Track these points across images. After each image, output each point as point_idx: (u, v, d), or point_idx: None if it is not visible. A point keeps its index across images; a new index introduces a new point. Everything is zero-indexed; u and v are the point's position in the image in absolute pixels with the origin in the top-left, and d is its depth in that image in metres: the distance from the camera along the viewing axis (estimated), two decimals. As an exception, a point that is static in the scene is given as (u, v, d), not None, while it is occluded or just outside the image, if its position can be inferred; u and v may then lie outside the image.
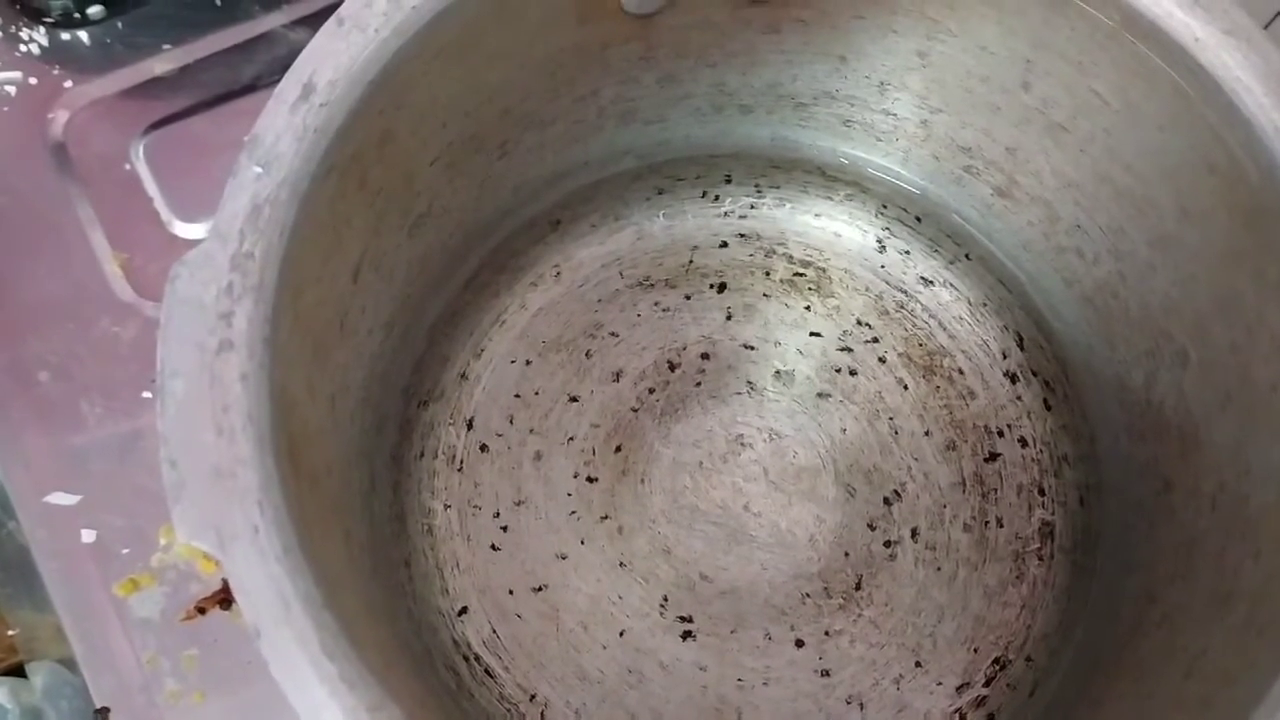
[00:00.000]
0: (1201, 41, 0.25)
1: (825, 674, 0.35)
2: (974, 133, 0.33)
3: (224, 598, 0.38)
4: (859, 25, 0.31)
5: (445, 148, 0.30)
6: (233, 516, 0.21)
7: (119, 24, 0.46)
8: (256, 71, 0.45)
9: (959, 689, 0.35)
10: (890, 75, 0.33)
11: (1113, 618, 0.33)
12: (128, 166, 0.43)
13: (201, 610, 0.38)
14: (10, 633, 0.41)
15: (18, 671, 0.45)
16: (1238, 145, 0.25)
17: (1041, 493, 0.37)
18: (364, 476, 0.32)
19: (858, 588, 0.35)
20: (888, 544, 0.36)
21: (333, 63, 0.24)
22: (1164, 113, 0.27)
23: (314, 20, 0.45)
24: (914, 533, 0.36)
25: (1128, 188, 0.30)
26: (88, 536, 0.39)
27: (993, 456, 0.37)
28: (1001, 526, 0.36)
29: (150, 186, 0.43)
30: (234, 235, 0.23)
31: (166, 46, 0.45)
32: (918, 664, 0.35)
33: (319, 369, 0.26)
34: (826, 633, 0.35)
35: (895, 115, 0.35)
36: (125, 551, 0.38)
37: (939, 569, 0.36)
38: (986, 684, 0.35)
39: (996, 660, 0.35)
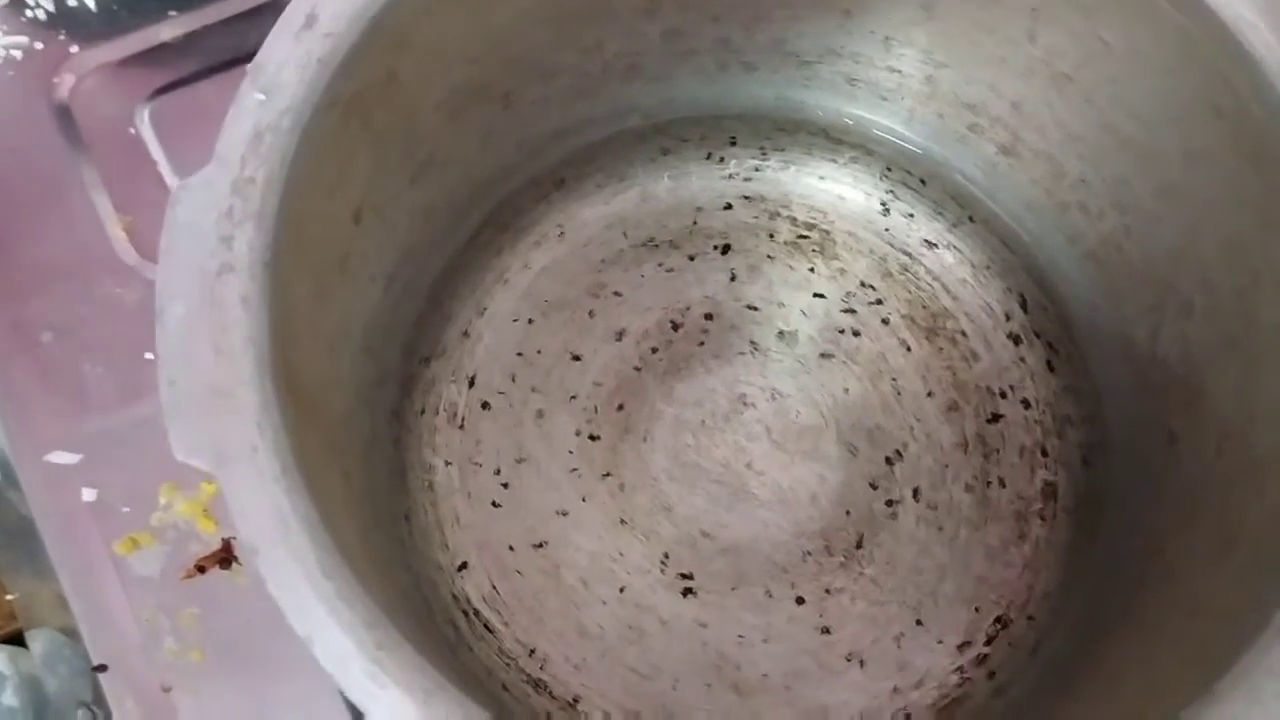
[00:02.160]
0: (1206, -20, 0.25)
1: (825, 631, 0.34)
2: (979, 88, 0.33)
3: (224, 557, 0.38)
4: (863, -25, 0.31)
5: (449, 94, 0.30)
6: (231, 435, 0.21)
7: (125, -11, 0.46)
8: (261, 38, 0.45)
9: (960, 647, 0.34)
10: (895, 29, 0.33)
11: (1116, 574, 0.33)
12: (132, 131, 0.43)
13: (201, 569, 0.38)
14: (9, 597, 0.41)
15: (17, 639, 0.45)
16: (1244, 86, 0.25)
17: (1044, 454, 0.36)
18: (365, 427, 0.32)
19: (859, 546, 0.35)
20: (889, 503, 0.36)
21: (337, -6, 0.24)
22: (1170, 57, 0.27)
23: (319, -13, 0.45)
24: (915, 492, 0.36)
25: (1132, 137, 0.30)
26: (88, 495, 0.39)
27: (995, 418, 0.37)
28: (1004, 487, 0.36)
29: (155, 150, 0.43)
30: (235, 160, 0.23)
31: (172, 13, 0.45)
32: (919, 622, 0.35)
33: (319, 308, 0.26)
34: (827, 590, 0.35)
35: (900, 72, 0.35)
36: (126, 510, 0.38)
37: (940, 528, 0.36)
38: (988, 642, 0.34)
39: (998, 619, 0.35)
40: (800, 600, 0.35)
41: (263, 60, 0.23)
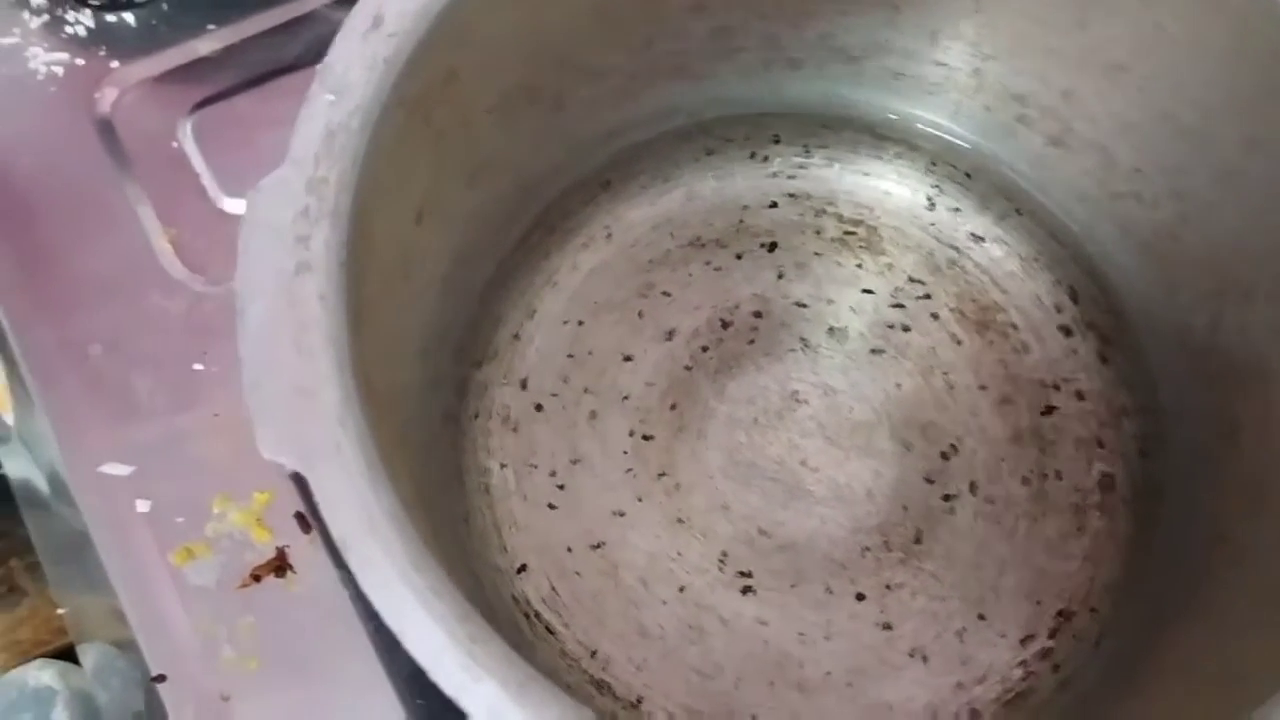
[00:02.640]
0: (1269, -40, 0.25)
1: (887, 627, 0.34)
2: (1028, 79, 0.33)
3: (279, 565, 0.38)
4: (914, -32, 0.31)
5: (502, 95, 0.30)
6: (316, 434, 0.21)
7: (163, 5, 0.46)
8: (299, 51, 0.45)
9: (1023, 641, 0.34)
10: (943, 22, 0.33)
11: (1180, 563, 0.32)
12: (175, 144, 0.44)
13: (256, 578, 0.38)
14: (59, 611, 0.41)
15: (67, 654, 0.45)
16: (1307, 66, 0.25)
17: (1100, 445, 0.36)
18: (424, 430, 0.32)
19: (917, 541, 0.35)
20: (946, 498, 0.36)
21: (402, -5, 0.24)
22: (1230, 43, 0.27)
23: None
24: (972, 486, 0.36)
25: (1190, 124, 0.30)
26: (142, 506, 0.39)
27: (1049, 410, 0.37)
28: (1060, 479, 0.36)
29: (197, 163, 0.43)
30: (309, 160, 0.23)
31: (211, 27, 0.46)
32: (980, 616, 0.34)
33: (386, 309, 0.26)
34: (887, 586, 0.35)
35: (947, 65, 0.35)
36: (179, 520, 0.38)
37: (998, 522, 0.35)
38: (1051, 635, 0.34)
39: (1060, 612, 0.34)
40: (860, 596, 0.35)
41: (331, 61, 0.24)
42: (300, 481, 0.24)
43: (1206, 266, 0.32)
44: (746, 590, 0.35)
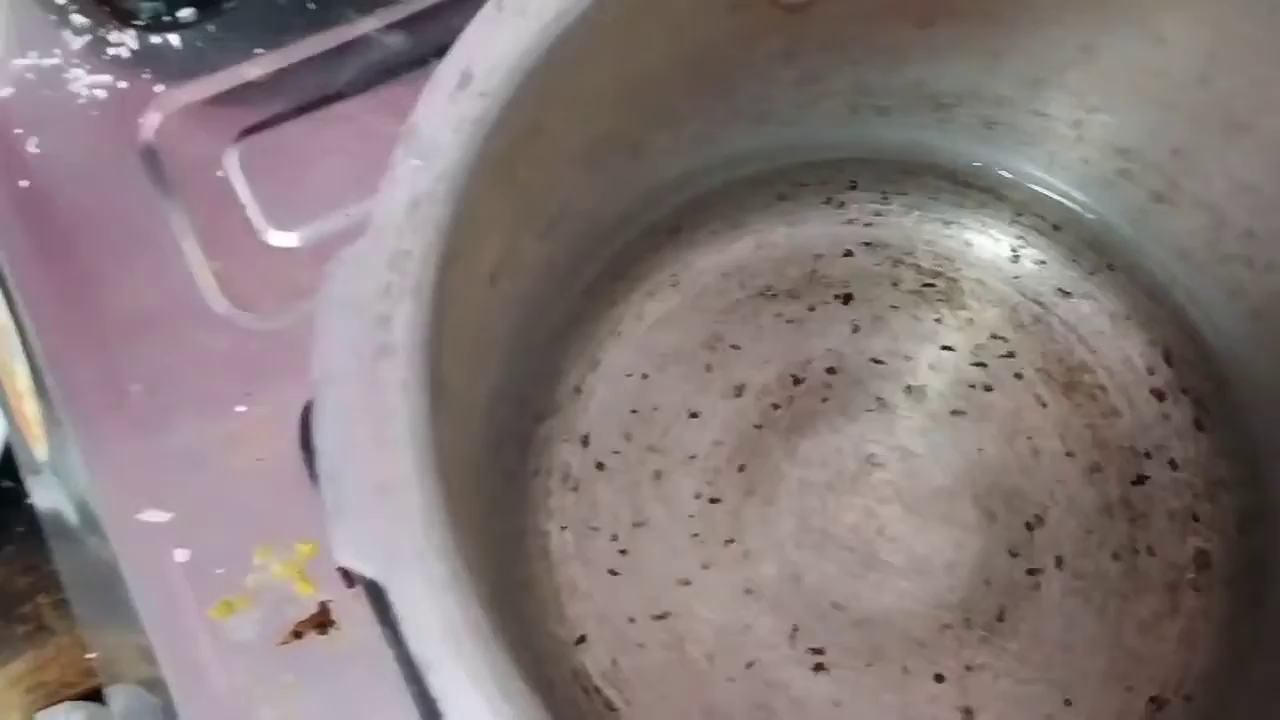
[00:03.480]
0: None
1: (968, 712, 0.32)
2: (1136, 133, 0.31)
3: (321, 621, 0.36)
4: (1021, 16, 0.29)
5: (586, 144, 0.28)
6: (398, 538, 0.19)
7: (210, 27, 0.44)
8: (350, 77, 0.43)
9: (1114, 729, 0.32)
10: (1047, 72, 0.31)
11: (1287, 655, 0.30)
12: (220, 173, 0.42)
13: (298, 634, 0.36)
14: (88, 656, 0.39)
15: (96, 695, 0.44)
16: None
17: (1195, 519, 0.34)
18: (485, 496, 0.30)
19: (1000, 619, 0.33)
20: (1031, 572, 0.34)
21: (491, 49, 0.23)
22: (1370, 107, 0.25)
23: (409, 24, 0.44)
24: (1059, 560, 0.34)
25: (1316, 190, 0.28)
26: (180, 556, 0.37)
27: (1141, 479, 0.35)
28: (1153, 555, 0.34)
29: (243, 193, 0.42)
30: (391, 232, 0.21)
31: (259, 51, 0.44)
32: (1067, 702, 0.32)
33: (458, 379, 0.24)
34: (968, 667, 0.33)
35: (1046, 115, 0.33)
36: (219, 572, 0.37)
37: (1087, 600, 0.33)
38: (1143, 725, 0.32)
39: (1153, 699, 0.32)
40: (939, 678, 0.33)
41: (418, 122, 0.22)
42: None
43: (1326, 340, 0.30)
44: (819, 668, 0.33)
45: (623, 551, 0.34)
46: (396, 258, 0.21)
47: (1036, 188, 0.36)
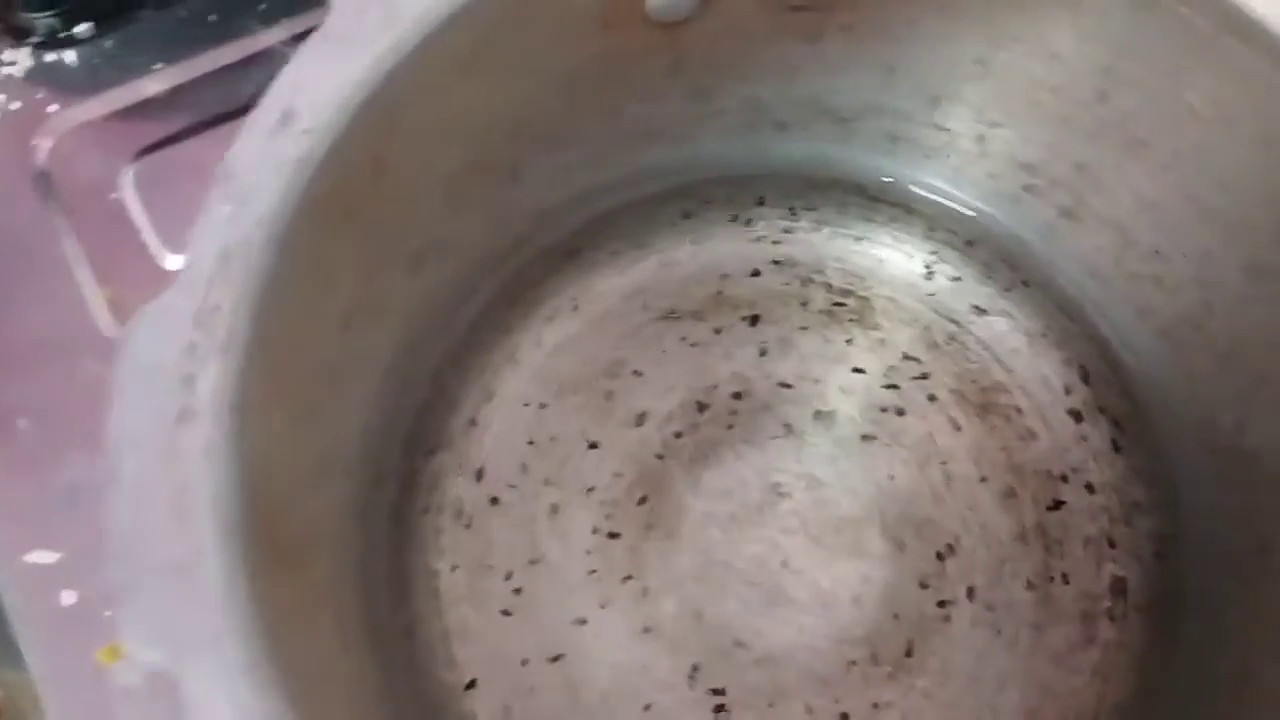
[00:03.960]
0: (1315, 43, 0.22)
1: (875, 752, 0.31)
2: (1038, 148, 0.30)
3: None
4: (912, 32, 0.28)
5: (449, 175, 0.27)
6: (191, 621, 0.18)
7: (107, 43, 0.43)
8: (254, 91, 0.41)
9: (1025, 769, 0.31)
10: (945, 86, 0.30)
11: (1200, 693, 0.29)
12: (114, 195, 0.41)
13: (191, 677, 0.35)
14: (-4, 693, 0.38)
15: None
16: (1359, 164, 0.22)
17: (1112, 544, 0.33)
18: (360, 540, 0.29)
19: (909, 654, 0.32)
20: (941, 604, 0.32)
21: (318, 84, 0.21)
22: (1264, 126, 0.24)
23: (313, 35, 0.42)
24: (970, 591, 0.33)
25: (1219, 209, 0.27)
26: (68, 598, 0.36)
27: (1056, 504, 0.33)
28: (1067, 583, 0.33)
29: (139, 216, 0.40)
30: (199, 286, 0.19)
31: (158, 66, 0.42)
32: (978, 740, 0.31)
33: (302, 434, 0.23)
34: (875, 705, 0.32)
35: (948, 130, 0.32)
36: (108, 614, 0.35)
37: (999, 632, 0.32)
38: (1056, 763, 0.31)
39: (1066, 735, 0.31)
40: (845, 716, 0.31)
41: (232, 165, 0.20)
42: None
43: (1234, 363, 0.28)
44: (719, 709, 0.31)
45: (517, 590, 0.32)
46: (204, 314, 0.19)
47: (947, 202, 0.35)
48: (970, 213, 0.34)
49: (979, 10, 0.26)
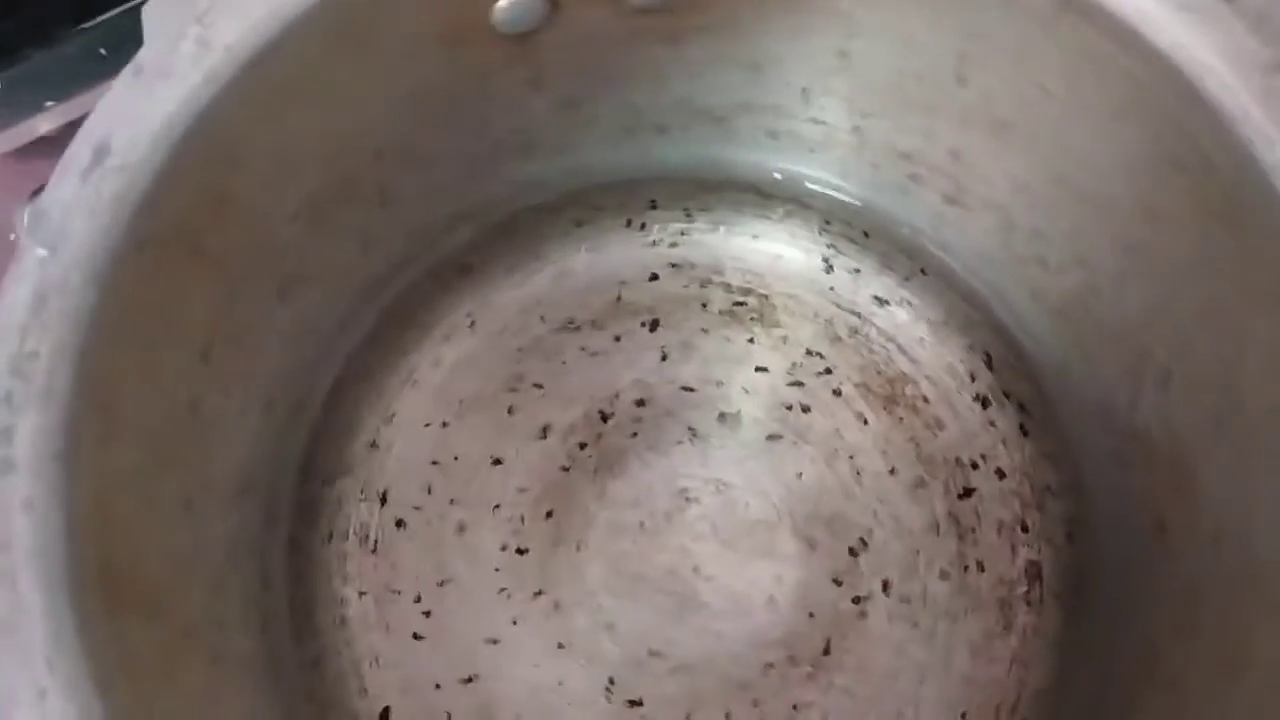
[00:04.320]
0: (1152, 18, 0.21)
1: (795, 754, 0.31)
2: (913, 136, 0.30)
3: None
4: (767, 28, 0.27)
5: (306, 201, 0.26)
6: (14, 679, 0.17)
7: (-3, 84, 0.42)
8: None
9: (946, 761, 0.31)
10: (812, 80, 0.29)
11: (1113, 674, 0.29)
12: (13, 236, 0.40)
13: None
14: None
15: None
16: (1204, 136, 0.22)
17: (1024, 529, 0.33)
18: (251, 576, 0.28)
19: (826, 652, 0.32)
20: (856, 600, 0.32)
21: (132, 119, 0.21)
22: (1116, 102, 0.24)
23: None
24: (885, 585, 0.32)
25: (1086, 188, 0.26)
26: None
27: (967, 492, 0.33)
28: (983, 571, 0.32)
29: (36, 257, 0.40)
30: (13, 334, 0.19)
31: (49, 103, 0.42)
32: (898, 735, 0.31)
33: (159, 473, 0.23)
34: (795, 706, 0.31)
35: (825, 123, 0.31)
36: None
37: (915, 624, 0.32)
38: (977, 754, 0.31)
39: (988, 724, 0.31)
40: (764, 721, 0.31)
41: (44, 206, 0.20)
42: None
43: (1121, 341, 0.28)
44: (637, 722, 0.31)
45: (426, 613, 0.32)
46: (18, 361, 0.19)
47: (838, 195, 0.34)
48: (861, 204, 0.34)
49: (826, 2, 0.26)
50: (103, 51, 0.43)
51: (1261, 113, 0.20)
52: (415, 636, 0.32)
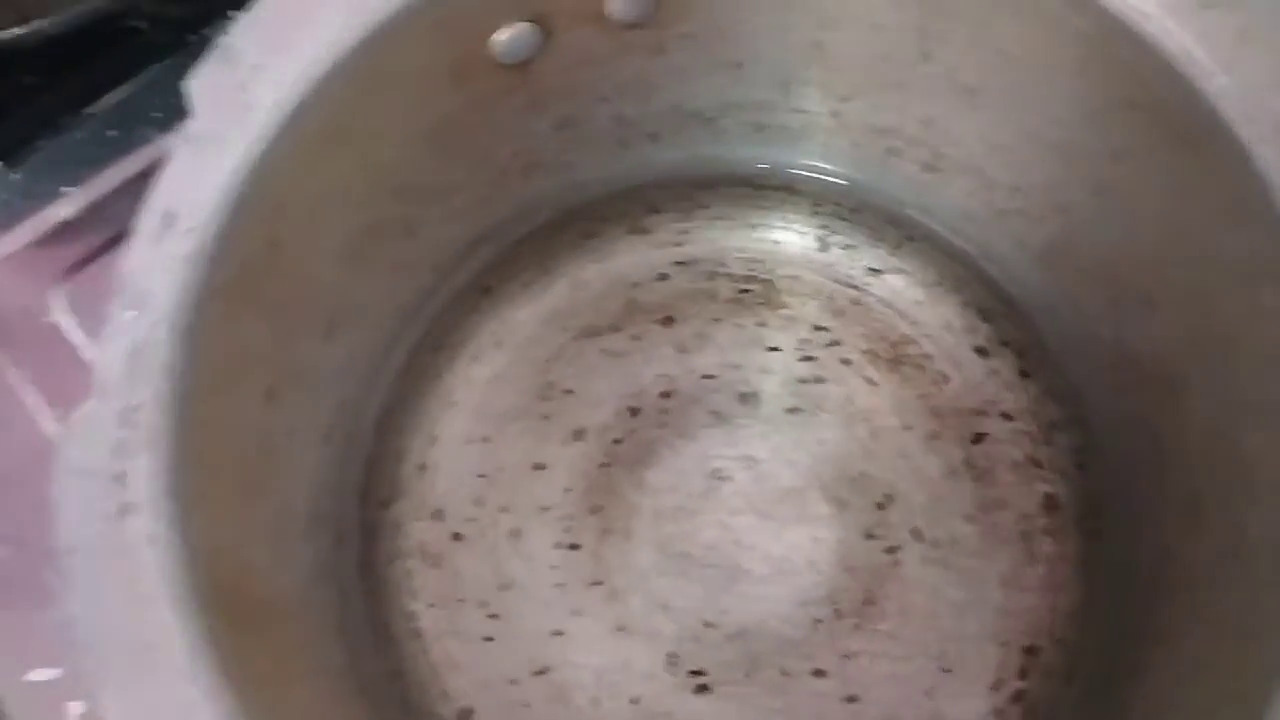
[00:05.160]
0: (1089, -23, 0.24)
1: (852, 699, 0.33)
2: (888, 113, 0.32)
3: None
4: (747, 29, 0.30)
5: (345, 241, 0.28)
6: (162, 694, 0.19)
7: (14, 176, 0.44)
8: (163, 195, 0.43)
9: (993, 686, 0.33)
10: (791, 72, 0.32)
11: (1133, 582, 0.31)
12: (47, 319, 0.42)
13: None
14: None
15: None
16: (1153, 77, 0.24)
17: (1037, 465, 0.35)
18: (331, 597, 0.30)
19: (869, 603, 0.34)
20: (890, 550, 0.34)
21: (191, 185, 0.23)
22: (1072, 58, 0.26)
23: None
24: (915, 533, 0.34)
25: (1055, 140, 0.29)
26: (75, 709, 0.37)
27: (979, 438, 0.35)
28: (1004, 509, 0.35)
29: (74, 334, 0.42)
30: (117, 388, 0.21)
31: (66, 189, 0.44)
32: (946, 670, 0.33)
33: (249, 504, 0.25)
34: (845, 656, 0.33)
35: (806, 111, 0.34)
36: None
37: (948, 566, 0.34)
38: (1021, 676, 0.33)
39: (1028, 649, 0.33)
40: (819, 673, 0.33)
41: (126, 275, 0.22)
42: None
43: (1101, 277, 0.30)
44: (701, 689, 0.33)
45: (493, 616, 0.34)
46: (126, 413, 0.21)
47: (824, 177, 0.37)
48: (846, 183, 0.36)
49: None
50: (112, 133, 0.45)
51: (1199, 49, 0.23)
52: (486, 639, 0.34)
